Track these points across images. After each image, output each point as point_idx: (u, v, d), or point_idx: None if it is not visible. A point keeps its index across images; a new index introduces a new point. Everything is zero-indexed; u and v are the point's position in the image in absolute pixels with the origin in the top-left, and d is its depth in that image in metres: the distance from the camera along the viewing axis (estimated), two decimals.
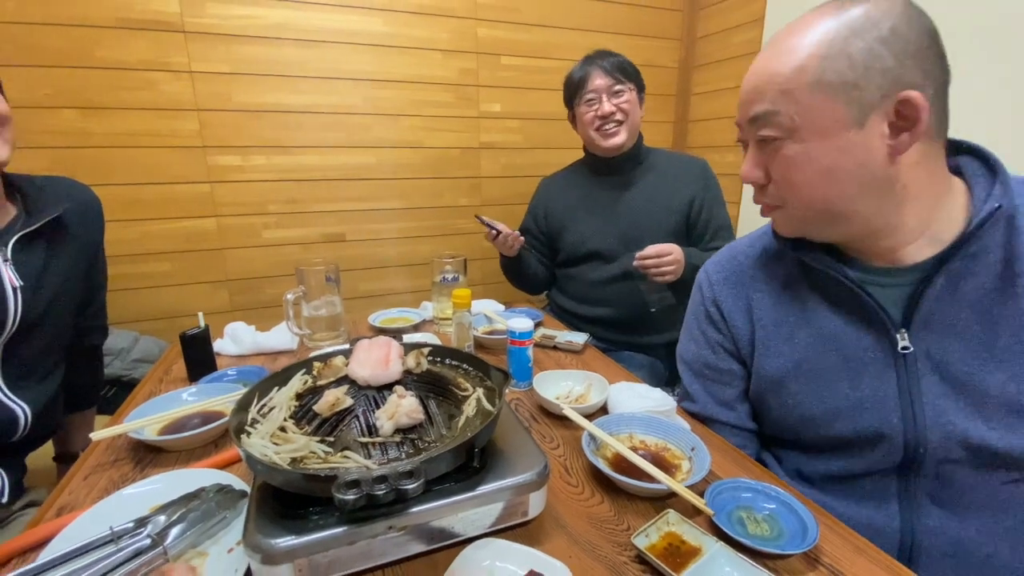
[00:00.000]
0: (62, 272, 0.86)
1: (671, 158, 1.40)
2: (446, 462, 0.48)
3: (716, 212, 1.34)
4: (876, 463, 0.62)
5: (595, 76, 1.28)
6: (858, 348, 0.61)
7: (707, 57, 1.99)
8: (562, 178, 1.51)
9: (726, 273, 0.74)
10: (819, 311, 0.65)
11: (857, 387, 0.61)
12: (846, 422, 0.62)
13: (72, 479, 0.65)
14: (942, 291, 0.57)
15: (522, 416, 0.81)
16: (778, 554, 0.51)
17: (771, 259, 0.71)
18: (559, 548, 0.53)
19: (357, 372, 0.56)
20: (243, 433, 0.51)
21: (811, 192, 0.57)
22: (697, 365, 0.78)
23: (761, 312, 0.69)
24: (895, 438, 0.59)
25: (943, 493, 0.60)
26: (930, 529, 0.60)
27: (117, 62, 1.40)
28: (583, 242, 1.38)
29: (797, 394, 0.66)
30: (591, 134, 1.32)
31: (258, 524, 0.45)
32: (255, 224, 1.64)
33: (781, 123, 0.54)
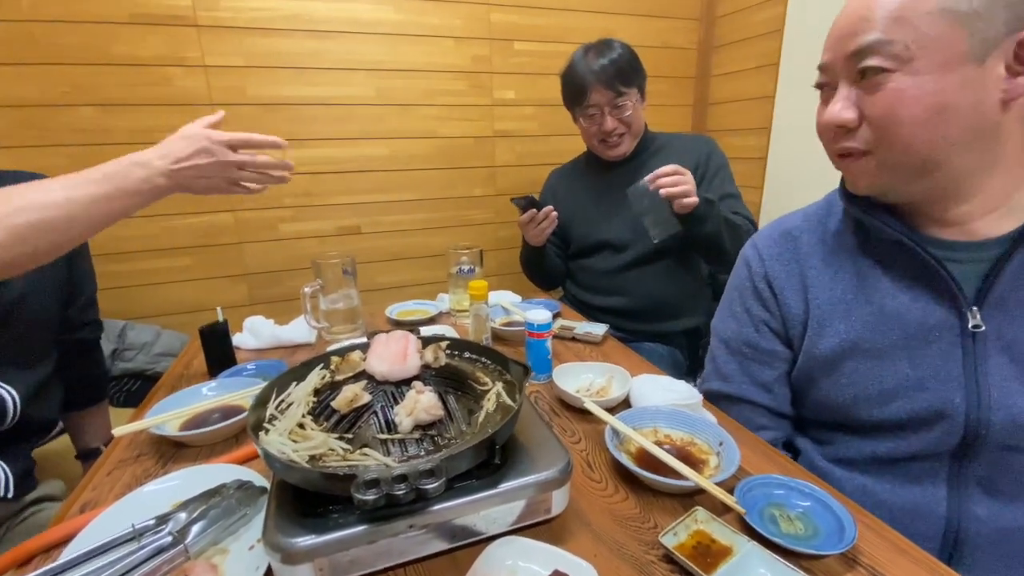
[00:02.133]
0: (40, 276, 0.82)
1: (675, 140, 1.37)
2: (467, 460, 0.46)
3: (719, 182, 1.29)
4: (931, 445, 0.59)
5: (595, 90, 1.23)
6: (923, 326, 0.58)
7: (727, 37, 1.92)
8: (568, 169, 1.50)
9: (779, 249, 0.70)
10: (881, 286, 0.62)
11: (918, 366, 0.59)
12: (903, 402, 0.59)
13: (95, 475, 0.65)
14: (1020, 269, 0.55)
15: (542, 410, 0.79)
16: (814, 554, 0.48)
17: (829, 234, 0.67)
18: (584, 546, 0.52)
19: (375, 367, 0.55)
20: (261, 430, 0.50)
21: (914, 132, 0.52)
22: (736, 343, 0.74)
23: (817, 290, 0.66)
24: (956, 418, 0.57)
25: (996, 481, 0.58)
26: (977, 517, 0.58)
27: (132, 58, 1.40)
28: (592, 232, 1.36)
29: (852, 373, 0.63)
30: (593, 145, 1.32)
31: (278, 523, 0.45)
32: (271, 218, 1.64)
33: (894, 52, 0.50)
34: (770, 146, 1.79)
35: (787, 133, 1.74)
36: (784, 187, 1.78)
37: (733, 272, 0.78)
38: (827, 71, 0.58)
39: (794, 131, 1.71)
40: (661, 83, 1.98)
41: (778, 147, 1.77)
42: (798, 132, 1.69)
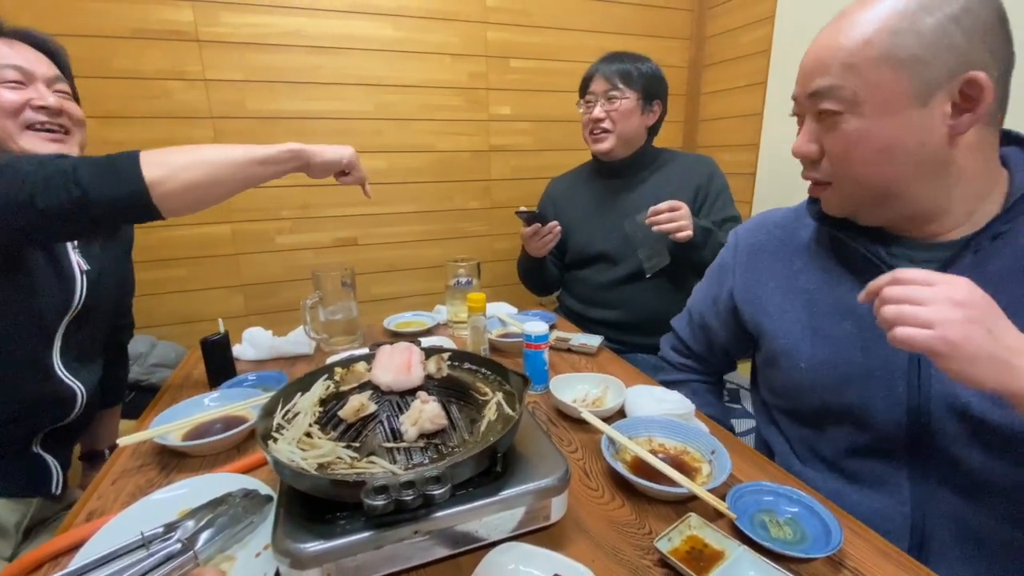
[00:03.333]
0: (113, 263, 0.92)
1: (678, 158, 1.40)
2: (470, 467, 0.48)
3: (720, 204, 1.33)
4: (881, 434, 0.63)
5: (596, 79, 1.30)
6: (875, 318, 0.61)
7: (717, 56, 1.98)
8: (570, 179, 1.52)
9: (756, 236, 0.78)
10: (841, 281, 0.66)
11: (869, 355, 0.63)
12: (855, 389, 0.64)
13: (100, 483, 0.66)
14: (967, 270, 0.57)
15: (540, 420, 0.81)
16: (802, 558, 0.51)
17: (797, 230, 0.74)
18: (582, 552, 0.53)
19: (380, 378, 0.57)
20: (270, 439, 0.52)
21: (866, 170, 0.57)
22: (703, 303, 0.87)
23: (784, 280, 0.72)
24: (898, 407, 0.61)
25: (955, 478, 0.60)
26: (942, 514, 0.61)
27: (134, 72, 1.42)
28: (590, 244, 1.38)
29: (811, 359, 0.67)
30: (585, 136, 1.36)
31: (287, 529, 0.46)
32: (269, 229, 1.66)
33: (843, 97, 0.55)
34: (759, 162, 1.84)
35: (775, 149, 1.79)
36: (773, 202, 1.83)
37: (720, 252, 0.88)
38: (796, 103, 0.63)
39: (782, 148, 1.76)
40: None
41: (766, 163, 1.82)
42: (786, 149, 1.73)
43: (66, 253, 0.81)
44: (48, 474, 0.82)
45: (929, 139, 0.54)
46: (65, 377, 0.81)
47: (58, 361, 0.81)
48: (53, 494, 0.81)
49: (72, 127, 0.83)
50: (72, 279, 0.81)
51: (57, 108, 0.79)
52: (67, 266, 0.81)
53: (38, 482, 0.81)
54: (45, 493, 0.81)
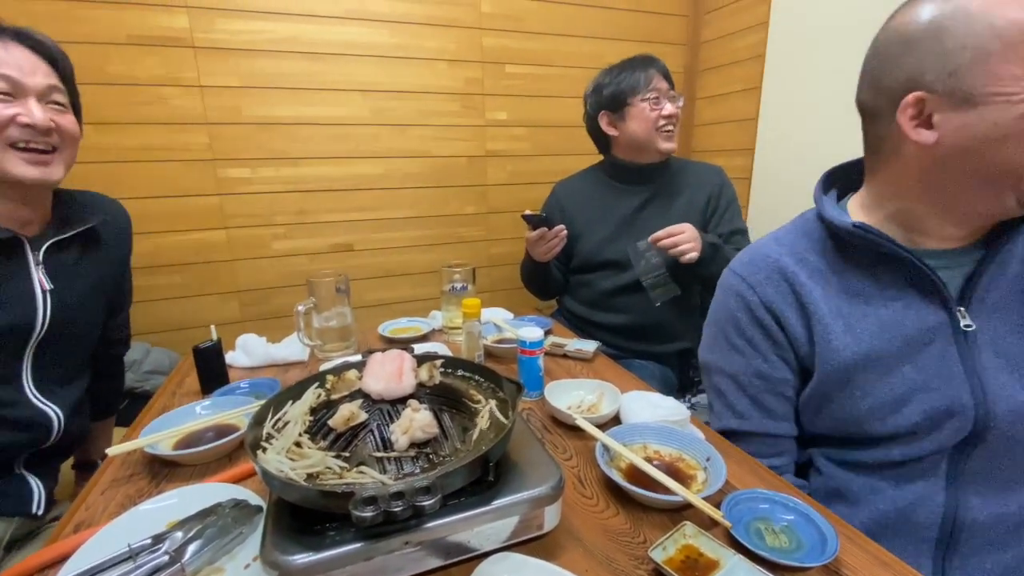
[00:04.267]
0: (89, 281, 0.88)
1: (690, 166, 1.40)
2: (461, 476, 0.48)
3: (730, 216, 1.33)
4: (941, 444, 0.61)
5: (657, 78, 1.28)
6: (919, 330, 0.62)
7: (712, 62, 1.99)
8: (579, 184, 1.49)
9: (765, 272, 0.70)
10: (873, 299, 0.64)
11: (921, 369, 0.61)
12: (915, 405, 0.61)
13: (89, 494, 0.65)
14: (995, 270, 0.61)
15: (534, 427, 0.81)
16: (798, 567, 0.50)
17: (807, 254, 0.69)
18: (575, 562, 0.53)
19: (371, 386, 0.56)
20: (259, 448, 0.51)
21: None
22: (746, 377, 0.72)
23: (814, 306, 0.66)
24: (966, 414, 0.59)
25: (992, 470, 0.61)
26: (973, 505, 0.61)
27: (129, 78, 1.42)
28: (599, 251, 1.37)
29: (865, 384, 0.64)
30: (652, 135, 1.28)
31: (275, 541, 0.46)
32: (264, 235, 1.65)
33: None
34: (754, 166, 1.84)
35: (770, 154, 1.79)
36: (768, 206, 1.83)
37: (719, 305, 0.76)
38: None
39: (776, 152, 1.77)
40: None
41: (761, 167, 1.82)
42: (780, 153, 1.75)
43: (26, 274, 0.77)
44: (30, 494, 0.80)
45: None
46: (39, 402, 0.79)
47: (29, 386, 0.78)
48: (34, 514, 0.79)
49: (62, 144, 0.78)
50: (31, 300, 0.77)
51: (45, 127, 0.73)
52: (25, 288, 0.77)
53: (19, 502, 0.78)
54: (25, 513, 0.78)
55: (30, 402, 0.78)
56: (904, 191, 0.62)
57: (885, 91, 0.59)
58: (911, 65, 0.55)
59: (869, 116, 0.63)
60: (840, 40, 1.51)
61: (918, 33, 0.55)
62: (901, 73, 0.56)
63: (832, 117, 1.54)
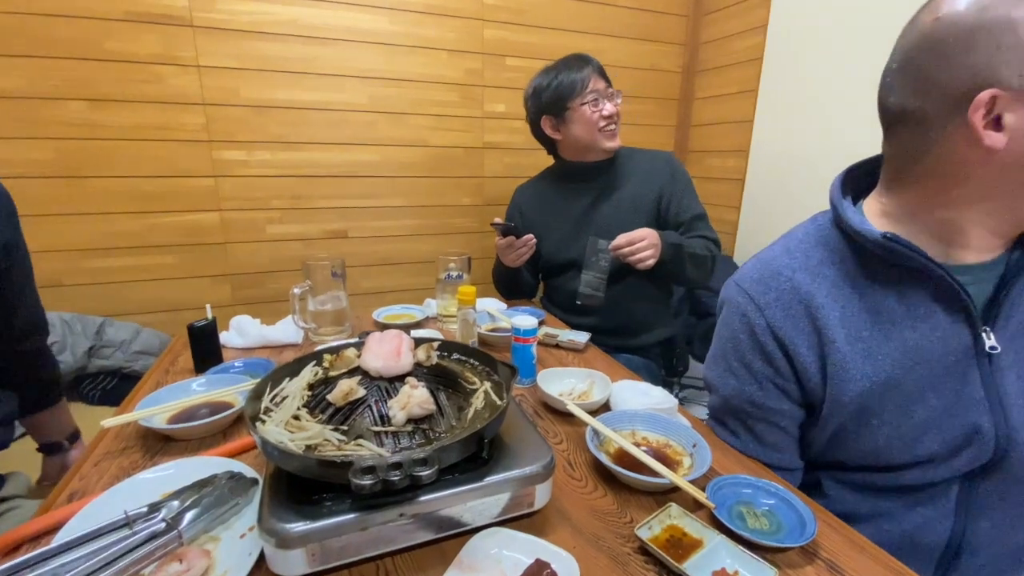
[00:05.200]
0: None
1: (638, 156, 1.40)
2: (457, 451, 0.49)
3: (687, 202, 1.33)
4: (957, 470, 0.59)
5: (594, 78, 1.29)
6: (943, 351, 0.57)
7: (710, 63, 2.01)
8: (534, 186, 1.50)
9: (776, 293, 0.63)
10: (898, 319, 0.58)
11: (942, 394, 0.57)
12: (934, 433, 0.58)
13: (82, 465, 0.66)
14: (1020, 287, 0.57)
15: (526, 411, 0.82)
16: (777, 547, 0.52)
17: (822, 266, 0.62)
18: (564, 538, 0.54)
19: (370, 363, 0.57)
20: (258, 420, 0.52)
21: None
22: (738, 401, 0.68)
23: (831, 332, 0.60)
24: (986, 442, 0.57)
25: (1005, 497, 0.59)
26: (981, 531, 0.60)
27: (125, 55, 1.41)
28: (558, 252, 1.38)
29: (883, 414, 0.59)
30: (595, 136, 1.30)
31: (273, 509, 0.47)
32: (258, 219, 1.65)
33: None
34: (748, 168, 1.87)
35: (764, 156, 1.82)
36: (760, 208, 1.86)
37: (724, 321, 0.70)
38: None
39: (771, 155, 1.79)
40: (647, 104, 2.05)
41: (755, 169, 1.85)
42: (775, 156, 1.77)
43: None
44: None
45: None
46: None
47: None
48: None
49: None
50: None
51: None
52: None
53: None
54: None
55: None
56: (953, 201, 0.55)
57: (939, 91, 0.51)
58: (979, 60, 0.48)
59: (912, 121, 0.55)
60: (839, 45, 1.53)
61: (987, 24, 0.48)
62: (965, 71, 0.49)
63: (828, 120, 1.56)
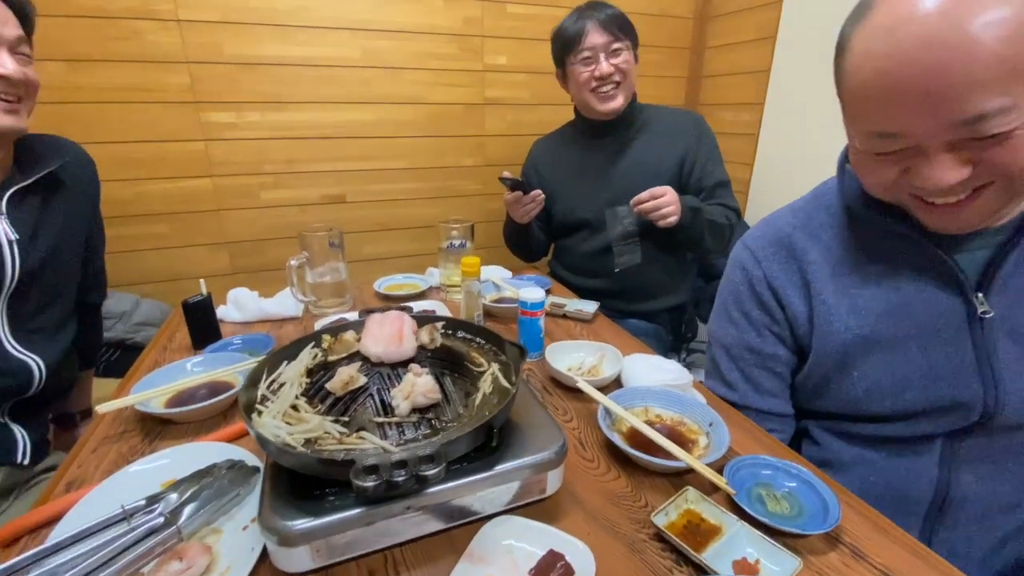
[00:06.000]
0: (58, 227, 0.86)
1: (663, 114, 1.32)
2: (465, 444, 0.46)
3: (711, 168, 1.26)
4: (941, 428, 0.61)
5: (592, 32, 1.18)
6: (931, 314, 0.59)
7: (725, 7, 1.87)
8: (553, 141, 1.44)
9: (774, 248, 0.69)
10: (885, 280, 0.61)
11: (930, 355, 0.59)
12: (918, 392, 0.60)
13: (80, 452, 0.64)
14: (1020, 255, 0.56)
15: (534, 387, 0.80)
16: (799, 533, 0.50)
17: (821, 228, 0.66)
18: (577, 525, 0.53)
19: (370, 349, 0.54)
20: (254, 411, 0.49)
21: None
22: (738, 349, 0.73)
23: (819, 285, 0.65)
24: (974, 404, 0.58)
25: (988, 452, 0.60)
26: (965, 482, 0.61)
27: (99, 10, 1.31)
28: (572, 211, 1.33)
29: (865, 367, 0.63)
30: (586, 96, 1.23)
31: (273, 505, 0.44)
32: (252, 184, 1.58)
33: (1020, 112, 0.44)
34: (763, 122, 1.77)
35: (781, 109, 1.72)
36: (775, 166, 1.78)
37: (726, 276, 0.75)
38: (903, 138, 0.49)
39: (788, 108, 1.69)
40: (656, 53, 1.93)
41: (771, 124, 1.76)
42: (792, 109, 1.68)
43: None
44: (14, 444, 0.80)
45: None
46: (18, 352, 0.79)
47: (7, 336, 0.78)
48: (20, 463, 0.79)
49: (26, 94, 0.79)
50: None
51: (19, 78, 0.74)
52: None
53: (3, 452, 0.78)
54: (11, 462, 0.79)
55: (8, 353, 0.78)
56: None
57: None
58: None
59: None
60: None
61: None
62: None
63: None
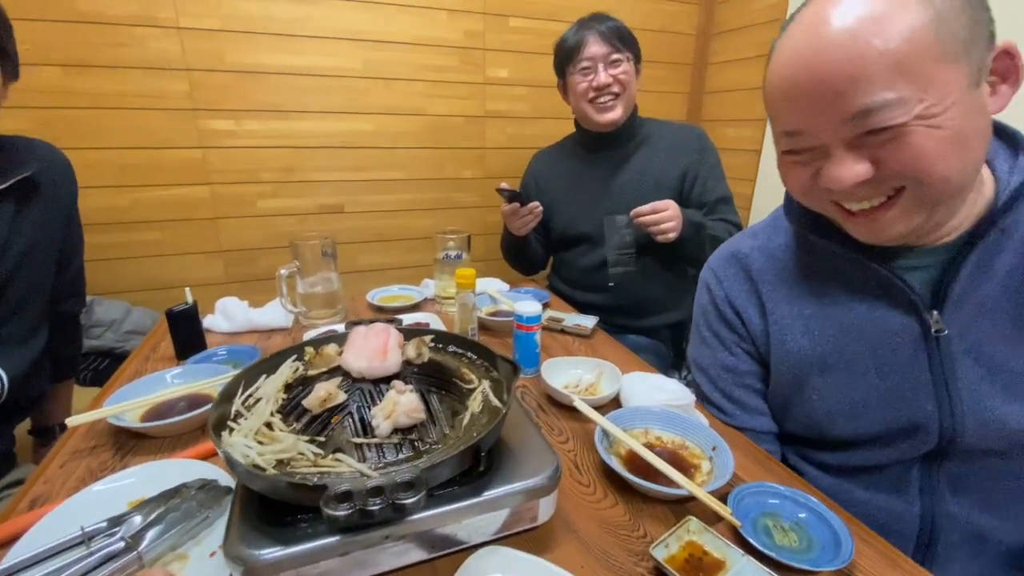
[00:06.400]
0: (31, 233, 0.83)
1: (664, 129, 1.31)
2: (449, 468, 0.43)
3: (712, 184, 1.25)
4: (905, 453, 0.59)
5: (591, 42, 1.18)
6: (885, 334, 0.58)
7: (727, 24, 1.88)
8: (553, 154, 1.43)
9: (734, 269, 0.70)
10: (838, 301, 0.61)
11: (887, 376, 0.58)
12: (875, 413, 0.59)
13: (47, 467, 0.61)
14: (974, 269, 0.54)
15: (529, 406, 0.76)
16: (811, 571, 0.46)
17: (778, 251, 0.67)
18: (569, 556, 0.49)
19: (352, 363, 0.51)
20: (225, 429, 0.46)
21: (946, 164, 0.46)
22: (715, 370, 0.73)
23: (773, 306, 0.66)
24: (930, 427, 0.56)
25: (967, 480, 0.58)
26: (951, 515, 0.58)
27: (100, 16, 1.30)
28: (571, 225, 1.31)
29: (821, 388, 0.63)
30: (584, 107, 1.22)
31: (241, 531, 0.41)
32: (249, 193, 1.56)
33: (907, 107, 0.44)
34: (765, 138, 1.76)
35: None
36: (777, 181, 1.75)
37: (696, 299, 0.77)
38: (806, 136, 0.51)
39: None
40: (658, 69, 1.93)
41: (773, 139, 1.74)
42: None
43: None
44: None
45: (984, 121, 0.48)
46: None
47: None
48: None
49: None
50: None
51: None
52: None
53: None
54: None
55: None
56: None
57: None
58: None
59: None
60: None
61: None
62: None
63: None
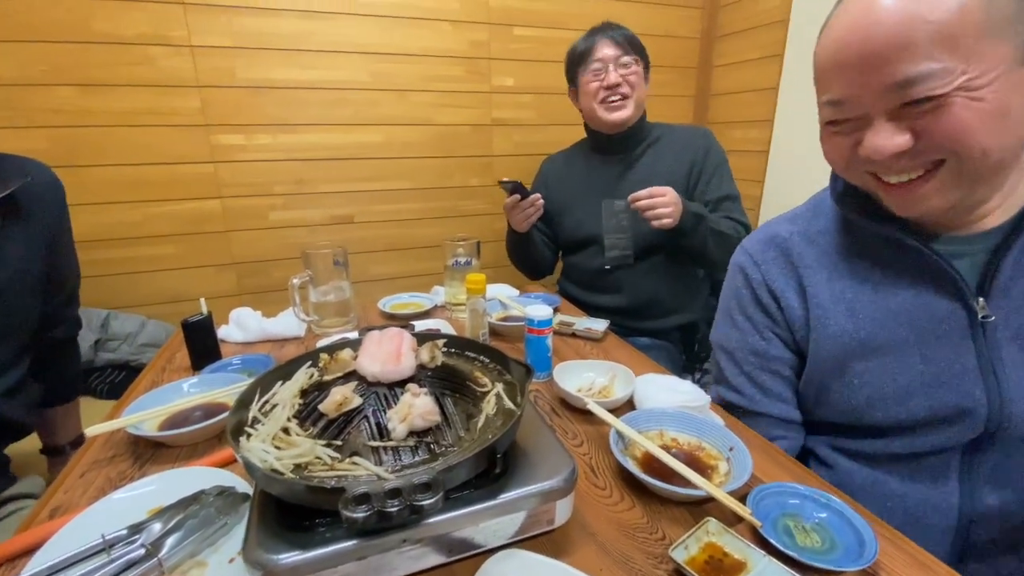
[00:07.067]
0: (14, 256, 0.79)
1: (673, 131, 1.33)
2: (465, 470, 0.43)
3: (717, 181, 1.26)
4: (950, 440, 0.58)
5: (602, 45, 1.22)
6: (931, 320, 0.57)
7: (730, 27, 1.88)
8: (563, 158, 1.45)
9: (773, 252, 0.69)
10: (882, 285, 0.60)
11: (931, 361, 0.57)
12: (921, 399, 0.58)
13: (67, 477, 0.61)
14: (1019, 255, 0.54)
15: (542, 410, 0.76)
16: (834, 571, 0.46)
17: (819, 236, 0.66)
18: (588, 559, 0.49)
19: (366, 368, 0.51)
20: (242, 435, 0.47)
21: (989, 141, 0.47)
22: (742, 353, 0.72)
23: (815, 289, 0.64)
24: (978, 413, 0.55)
25: (1008, 470, 0.57)
26: (990, 506, 0.57)
27: (114, 36, 1.34)
28: (579, 227, 1.32)
29: (864, 373, 0.61)
30: (594, 107, 1.25)
31: (259, 537, 0.41)
32: (261, 205, 1.59)
33: (949, 78, 0.45)
34: (772, 139, 1.75)
35: (791, 126, 1.70)
36: (786, 182, 1.75)
37: (727, 281, 0.75)
38: (849, 105, 0.52)
39: (798, 124, 1.68)
40: (663, 73, 1.93)
41: (781, 140, 1.74)
42: (802, 125, 1.66)
43: None
44: None
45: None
46: None
47: None
48: None
49: None
50: None
51: None
52: None
53: None
54: None
55: None
56: None
57: None
58: None
59: None
60: None
61: None
62: None
63: None
